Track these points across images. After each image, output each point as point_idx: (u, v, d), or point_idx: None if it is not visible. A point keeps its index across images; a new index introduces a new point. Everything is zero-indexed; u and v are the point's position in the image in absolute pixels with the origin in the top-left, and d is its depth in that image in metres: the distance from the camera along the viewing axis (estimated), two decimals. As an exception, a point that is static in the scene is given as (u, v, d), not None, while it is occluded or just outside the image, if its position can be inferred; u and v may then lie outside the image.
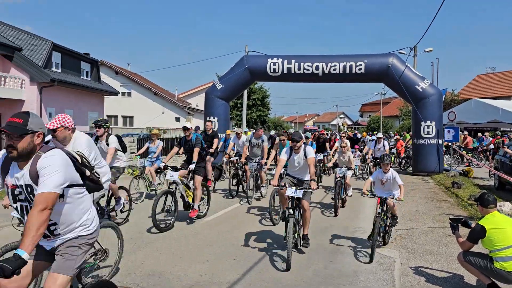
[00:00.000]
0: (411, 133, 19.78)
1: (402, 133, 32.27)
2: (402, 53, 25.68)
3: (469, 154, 20.42)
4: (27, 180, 2.76)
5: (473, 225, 5.05)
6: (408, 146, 20.09)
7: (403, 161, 19.52)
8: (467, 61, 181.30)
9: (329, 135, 23.32)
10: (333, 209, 9.46)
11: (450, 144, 18.20)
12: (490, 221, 4.71)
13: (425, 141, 16.72)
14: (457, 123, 19.22)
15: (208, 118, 18.92)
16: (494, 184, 13.64)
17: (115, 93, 30.81)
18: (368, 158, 13.33)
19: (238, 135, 12.12)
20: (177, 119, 40.59)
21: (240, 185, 11.35)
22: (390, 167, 6.88)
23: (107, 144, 7.35)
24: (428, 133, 16.74)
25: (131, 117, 40.53)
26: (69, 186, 2.87)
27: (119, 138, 7.72)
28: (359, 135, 24.64)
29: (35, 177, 2.73)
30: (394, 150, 20.24)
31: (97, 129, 7.40)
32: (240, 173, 11.15)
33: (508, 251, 4.50)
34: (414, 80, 16.96)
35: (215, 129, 13.56)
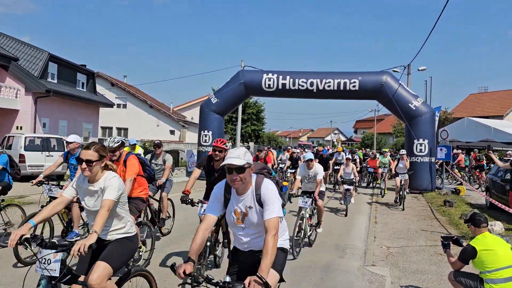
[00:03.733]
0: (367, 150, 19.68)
1: (353, 150, 27.61)
2: (396, 71, 25.93)
3: (461, 173, 20.57)
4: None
5: (464, 244, 5.08)
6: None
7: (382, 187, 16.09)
8: (460, 81, 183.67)
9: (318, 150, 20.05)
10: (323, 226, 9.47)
11: (443, 162, 18.31)
12: (481, 242, 4.74)
13: (417, 159, 16.83)
14: (450, 142, 19.38)
15: (202, 132, 18.97)
16: (486, 203, 13.71)
17: (110, 104, 30.79)
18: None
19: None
20: (172, 132, 40.57)
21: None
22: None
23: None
24: (421, 151, 16.87)
25: (126, 129, 40.43)
26: None
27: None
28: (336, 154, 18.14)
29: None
30: (371, 169, 18.36)
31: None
32: None
33: (499, 273, 4.52)
34: (407, 98, 17.15)
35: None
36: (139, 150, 12.18)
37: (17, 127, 21.22)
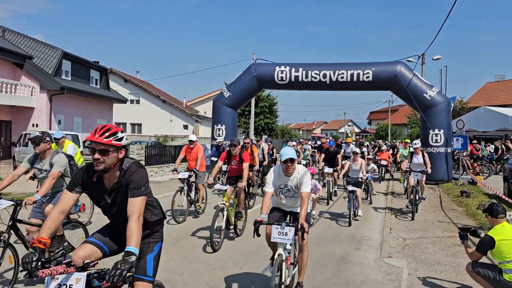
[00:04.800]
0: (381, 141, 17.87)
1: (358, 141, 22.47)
2: (410, 61, 25.59)
3: (478, 163, 20.25)
4: None
5: (482, 234, 5.00)
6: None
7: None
8: (476, 69, 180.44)
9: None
10: (343, 219, 9.41)
11: (459, 152, 18.06)
12: (499, 232, 4.66)
13: (433, 150, 16.60)
14: (466, 131, 19.10)
15: (215, 126, 19.00)
16: (504, 192, 13.47)
17: (123, 100, 31.08)
18: None
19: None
20: (185, 127, 40.77)
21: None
22: None
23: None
24: (436, 141, 16.63)
25: (140, 125, 40.79)
26: None
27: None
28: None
29: None
30: (383, 162, 17.39)
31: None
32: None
33: (518, 262, 4.44)
34: (422, 88, 16.90)
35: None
36: (69, 146, 8.42)
37: (33, 125, 21.57)
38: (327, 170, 12.14)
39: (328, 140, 13.37)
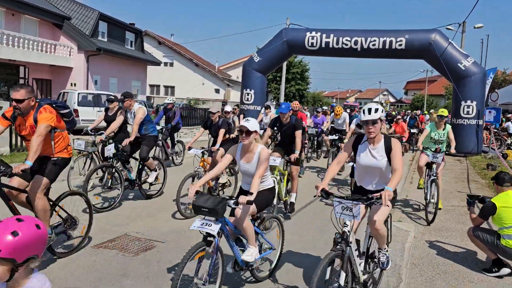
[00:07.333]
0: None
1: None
2: (449, 29, 24.59)
3: (512, 137, 19.70)
4: None
5: (490, 203, 5.15)
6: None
7: None
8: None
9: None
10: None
11: (491, 125, 17.61)
12: (502, 199, 4.80)
13: (464, 121, 16.27)
14: (506, 104, 18.50)
15: (244, 90, 19.23)
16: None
17: (157, 63, 31.64)
18: None
19: None
20: (217, 91, 41.20)
21: None
22: None
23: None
24: (468, 113, 16.26)
25: (173, 87, 41.50)
26: None
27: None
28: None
29: None
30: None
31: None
32: None
33: (515, 229, 4.59)
34: (457, 58, 16.39)
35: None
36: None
37: (71, 84, 22.48)
38: (273, 161, 6.09)
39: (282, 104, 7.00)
